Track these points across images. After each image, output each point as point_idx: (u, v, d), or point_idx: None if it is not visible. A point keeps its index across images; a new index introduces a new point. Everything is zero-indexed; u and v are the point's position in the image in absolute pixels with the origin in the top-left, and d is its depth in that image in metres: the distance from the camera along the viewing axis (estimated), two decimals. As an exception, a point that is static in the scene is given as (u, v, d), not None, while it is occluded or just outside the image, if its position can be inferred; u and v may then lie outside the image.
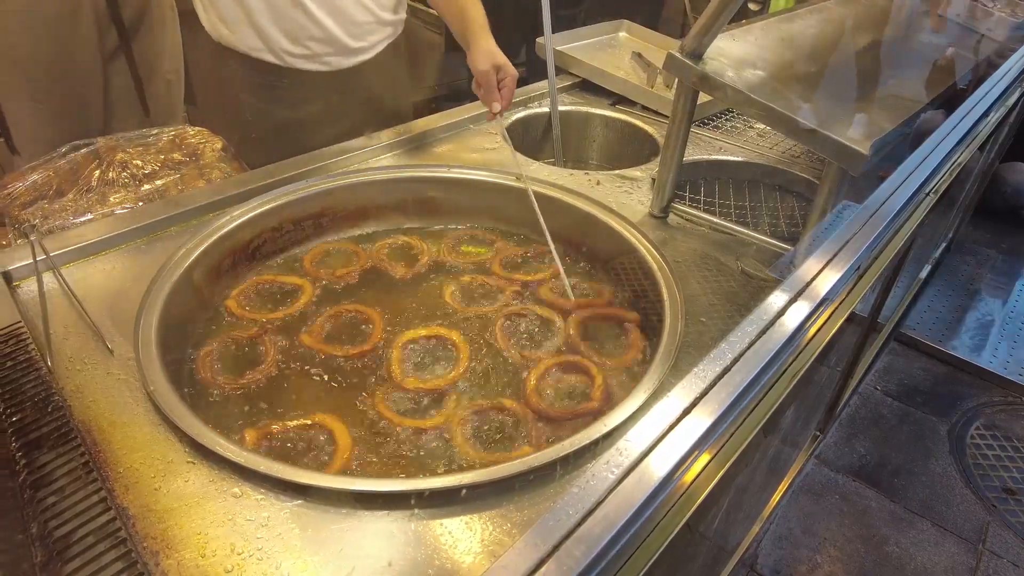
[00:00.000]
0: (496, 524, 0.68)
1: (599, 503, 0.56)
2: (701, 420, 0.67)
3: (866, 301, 1.55)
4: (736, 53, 1.15)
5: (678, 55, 1.04)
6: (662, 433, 0.64)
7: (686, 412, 0.67)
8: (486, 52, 1.29)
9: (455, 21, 1.39)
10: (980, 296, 2.92)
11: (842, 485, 2.03)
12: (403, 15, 1.53)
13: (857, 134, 0.98)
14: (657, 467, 0.61)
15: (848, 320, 1.25)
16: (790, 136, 1.01)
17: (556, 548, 0.52)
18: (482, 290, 1.16)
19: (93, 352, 0.84)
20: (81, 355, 0.83)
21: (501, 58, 1.29)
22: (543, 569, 0.51)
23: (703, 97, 1.14)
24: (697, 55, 1.05)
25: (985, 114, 1.79)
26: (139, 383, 0.80)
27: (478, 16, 1.36)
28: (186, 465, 0.71)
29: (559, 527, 0.53)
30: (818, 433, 2.00)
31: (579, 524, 0.54)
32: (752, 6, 3.53)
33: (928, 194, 1.50)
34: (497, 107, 1.29)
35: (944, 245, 3.05)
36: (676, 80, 1.09)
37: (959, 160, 1.66)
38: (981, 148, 2.27)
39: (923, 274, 2.80)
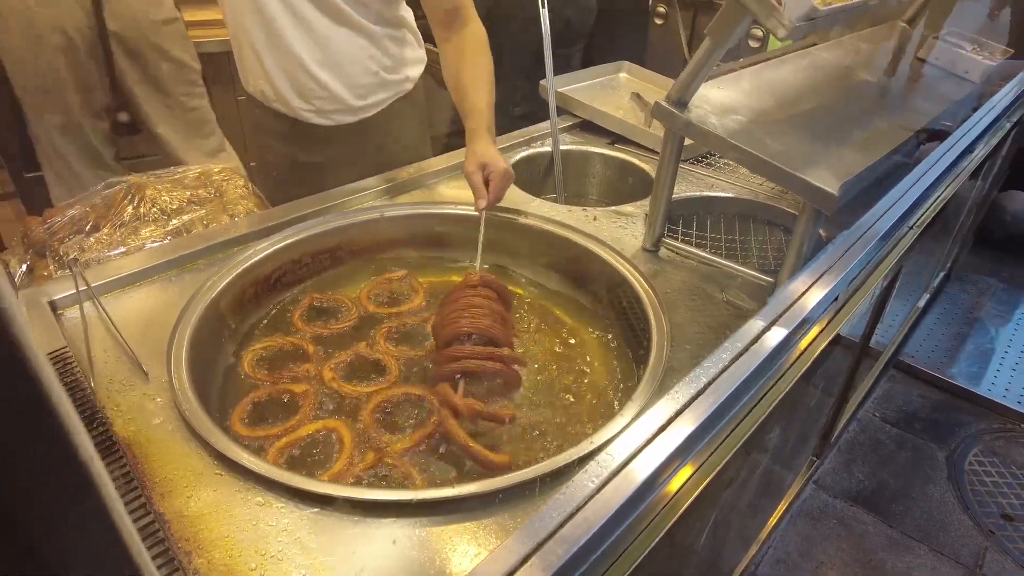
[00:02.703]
0: (492, 531, 0.75)
1: (579, 507, 0.63)
2: (678, 433, 0.75)
3: (854, 327, 1.62)
4: (720, 100, 1.24)
5: (664, 104, 1.13)
6: (640, 446, 0.72)
7: (663, 427, 0.75)
8: (474, 154, 1.32)
9: (457, 101, 1.41)
10: (980, 324, 2.96)
11: (840, 510, 2.07)
12: (412, 73, 1.62)
13: (828, 175, 1.06)
14: (635, 475, 0.68)
15: (833, 345, 1.32)
16: (768, 178, 1.09)
17: (540, 546, 0.59)
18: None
19: (130, 374, 0.93)
20: (119, 377, 0.92)
21: (489, 157, 1.31)
22: (528, 564, 0.58)
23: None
24: (682, 103, 1.14)
25: (969, 150, 1.88)
26: (172, 403, 0.88)
27: (478, 103, 1.36)
28: (215, 476, 0.79)
29: (543, 528, 0.61)
30: (815, 458, 2.05)
31: (561, 525, 0.61)
32: (752, 43, 3.65)
33: (912, 227, 1.58)
34: (481, 204, 1.30)
35: (943, 274, 3.11)
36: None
37: (943, 194, 1.74)
38: (974, 177, 2.35)
39: (921, 303, 2.86)
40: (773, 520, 1.87)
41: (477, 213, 1.30)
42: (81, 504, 0.29)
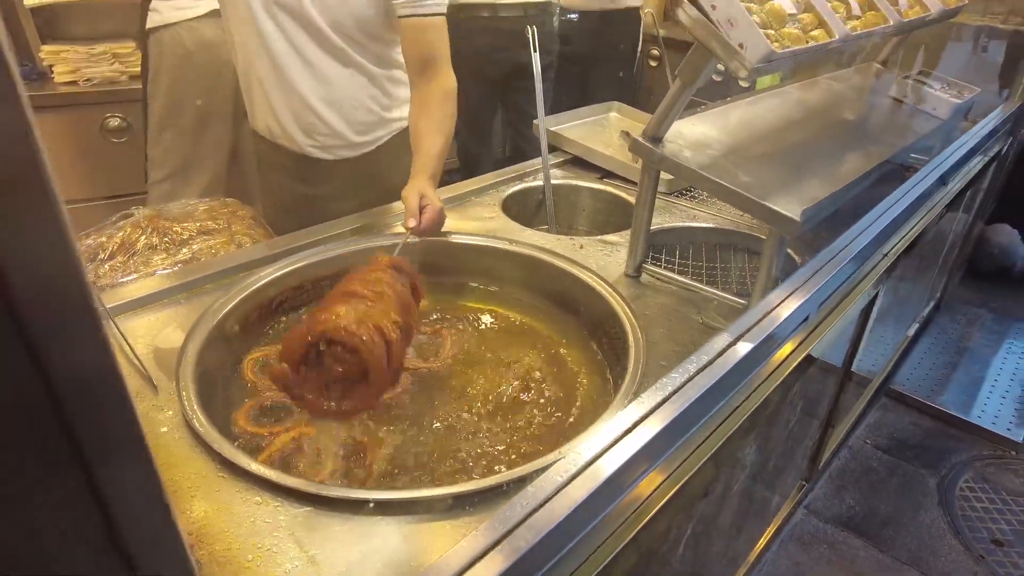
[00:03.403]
0: (472, 526, 0.81)
1: (546, 499, 0.69)
2: (643, 435, 0.81)
3: (832, 350, 1.68)
4: (694, 136, 1.33)
5: (640, 139, 1.22)
6: (607, 446, 0.78)
7: (629, 429, 0.81)
8: (414, 187, 1.38)
9: (413, 143, 1.49)
10: (970, 354, 3.00)
11: (831, 535, 2.09)
12: (407, 112, 1.70)
13: (792, 202, 1.13)
14: (601, 472, 0.74)
15: (808, 365, 1.38)
16: (736, 206, 1.17)
17: (507, 535, 0.65)
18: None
19: (141, 388, 1.00)
20: (131, 391, 0.99)
21: (428, 191, 1.38)
22: (495, 550, 0.64)
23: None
24: (657, 139, 1.23)
25: (943, 182, 1.96)
26: (179, 413, 0.95)
27: (430, 150, 1.44)
28: (217, 479, 0.85)
29: (511, 518, 0.66)
30: (804, 482, 2.08)
31: (528, 516, 0.67)
32: (742, 83, 3.80)
33: (887, 254, 1.65)
34: (412, 222, 1.33)
35: (933, 304, 3.16)
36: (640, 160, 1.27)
37: (917, 224, 1.82)
38: (954, 209, 2.43)
39: (911, 331, 2.91)
40: (762, 543, 1.89)
41: (404, 230, 1.34)
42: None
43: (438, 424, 1.09)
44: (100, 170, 2.62)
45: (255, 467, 0.85)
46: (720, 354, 0.96)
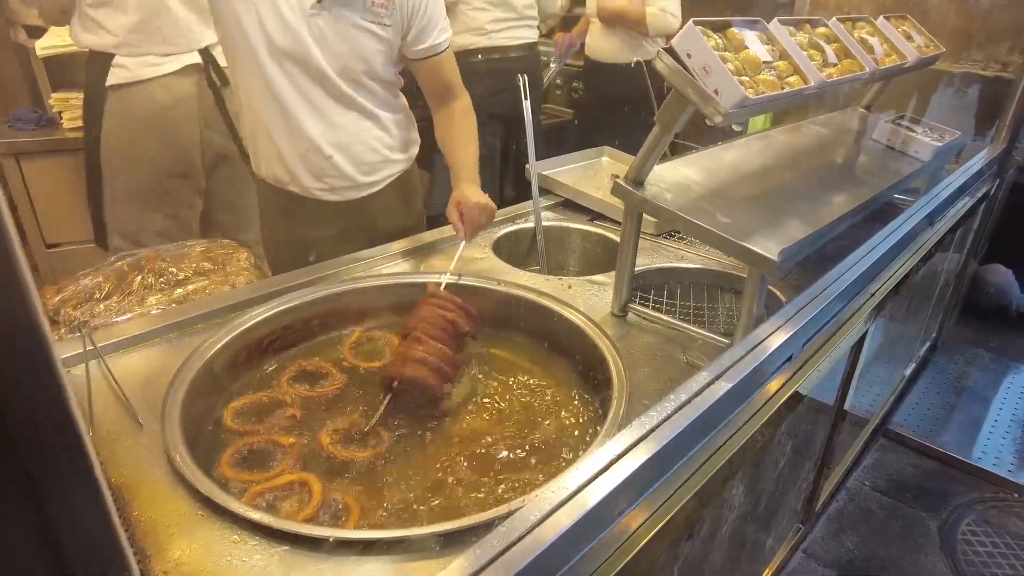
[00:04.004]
0: (443, 566, 0.80)
1: (526, 532, 0.69)
2: (623, 471, 0.81)
3: (823, 390, 1.67)
4: (676, 179, 1.36)
5: (622, 182, 1.25)
6: (586, 480, 0.78)
7: (607, 466, 0.81)
8: (454, 198, 1.57)
9: (447, 156, 1.68)
10: (969, 394, 2.98)
11: (830, 580, 2.05)
12: (410, 153, 1.80)
13: (771, 243, 1.16)
14: (583, 503, 0.75)
15: (795, 403, 1.38)
16: (716, 247, 1.19)
17: (492, 561, 0.65)
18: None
19: (126, 426, 1.01)
20: (117, 428, 1.00)
21: (463, 197, 1.55)
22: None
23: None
24: (638, 182, 1.26)
25: (929, 222, 1.99)
26: (162, 451, 0.96)
27: (466, 159, 1.65)
28: (197, 517, 0.85)
29: (488, 551, 0.67)
30: (800, 525, 2.05)
31: (509, 547, 0.67)
32: (735, 127, 3.88)
33: (874, 294, 1.66)
34: (460, 235, 1.55)
35: (929, 344, 3.16)
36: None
37: (904, 264, 1.83)
38: (944, 249, 2.45)
39: (908, 371, 2.90)
40: (759, 587, 1.85)
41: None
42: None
43: (419, 462, 1.09)
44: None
45: (235, 506, 0.85)
46: (699, 392, 0.97)
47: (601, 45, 3.50)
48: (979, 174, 2.41)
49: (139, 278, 1.59)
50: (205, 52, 2.20)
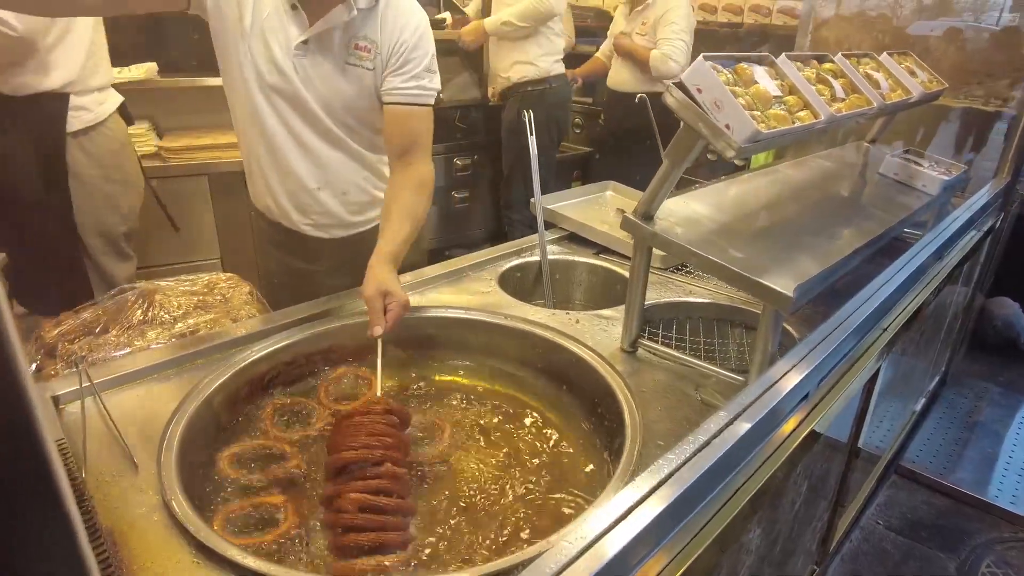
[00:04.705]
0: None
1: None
2: (642, 518, 0.77)
3: (837, 427, 1.63)
4: (686, 213, 1.34)
5: (631, 216, 1.23)
6: (604, 529, 0.74)
7: (626, 513, 0.77)
8: (375, 279, 1.32)
9: (381, 223, 1.49)
10: (980, 429, 2.93)
11: (847, 625, 1.97)
12: None
13: (785, 278, 1.13)
14: (602, 554, 0.70)
15: (812, 442, 1.34)
16: (729, 283, 1.17)
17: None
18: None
19: (122, 466, 0.97)
20: (112, 468, 0.96)
21: (390, 285, 1.31)
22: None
23: (660, 248, 1.32)
24: (648, 216, 1.24)
25: (938, 256, 1.97)
26: (158, 493, 0.92)
27: (398, 233, 1.42)
28: (192, 564, 0.81)
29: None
30: (815, 567, 1.98)
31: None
32: (738, 162, 3.92)
33: (887, 328, 1.63)
34: (378, 331, 1.27)
35: (938, 378, 3.11)
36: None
37: (916, 297, 1.81)
38: (953, 282, 2.43)
39: (918, 407, 2.84)
40: (774, 634, 1.78)
41: (371, 338, 1.27)
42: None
43: (427, 512, 1.05)
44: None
45: (232, 553, 0.81)
46: (719, 432, 0.94)
47: (620, 77, 3.84)
48: (985, 208, 2.40)
49: (139, 312, 1.55)
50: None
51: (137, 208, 2.28)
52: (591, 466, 1.18)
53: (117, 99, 2.16)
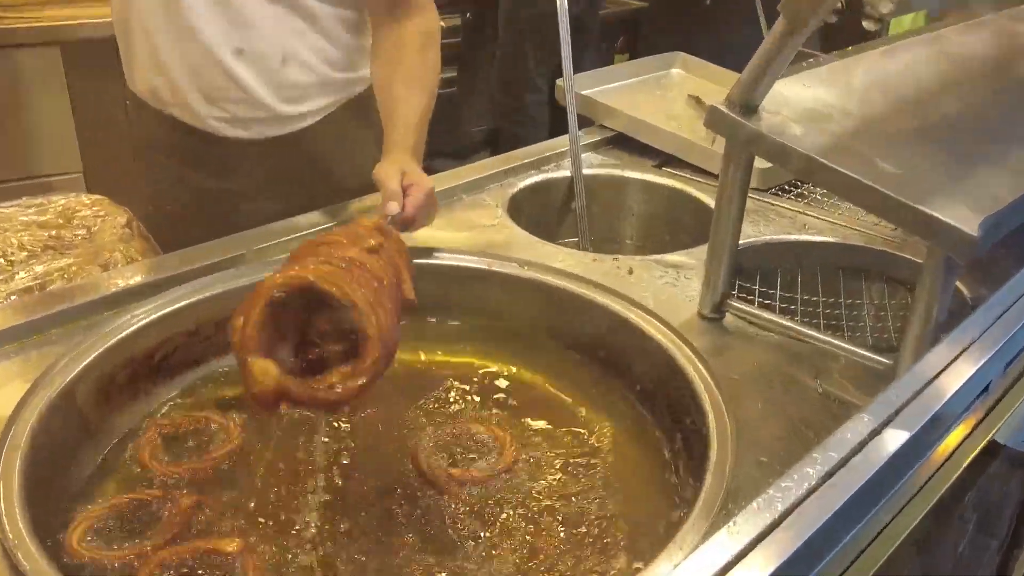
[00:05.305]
0: None
1: None
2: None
3: (1020, 433, 1.62)
4: (807, 104, 1.30)
5: (722, 108, 1.18)
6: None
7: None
8: (393, 162, 1.40)
9: (382, 105, 1.55)
10: None
11: None
12: (366, 71, 1.71)
13: (964, 208, 1.09)
14: None
15: (988, 458, 1.32)
16: (875, 213, 1.14)
17: None
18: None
19: (-62, 495, 0.94)
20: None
21: (411, 166, 1.40)
22: None
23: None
24: (750, 108, 1.19)
25: None
26: (-4, 536, 0.89)
27: (409, 115, 1.49)
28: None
29: None
30: (977, 637, 2.00)
31: None
32: (868, 25, 3.84)
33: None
34: (394, 207, 1.30)
35: None
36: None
37: None
38: None
39: None
40: None
41: (383, 220, 1.26)
42: None
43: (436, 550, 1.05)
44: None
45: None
46: (859, 448, 0.91)
47: None
48: None
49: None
50: None
51: None
52: (656, 491, 1.17)
53: None
